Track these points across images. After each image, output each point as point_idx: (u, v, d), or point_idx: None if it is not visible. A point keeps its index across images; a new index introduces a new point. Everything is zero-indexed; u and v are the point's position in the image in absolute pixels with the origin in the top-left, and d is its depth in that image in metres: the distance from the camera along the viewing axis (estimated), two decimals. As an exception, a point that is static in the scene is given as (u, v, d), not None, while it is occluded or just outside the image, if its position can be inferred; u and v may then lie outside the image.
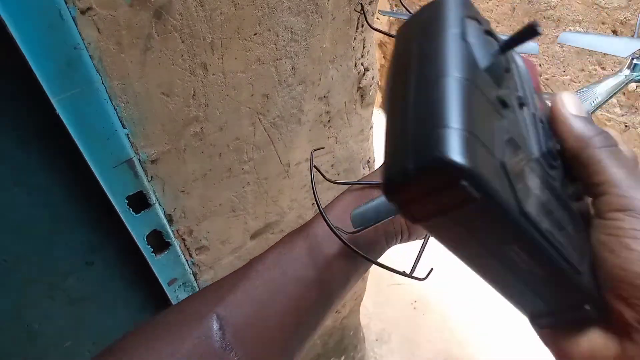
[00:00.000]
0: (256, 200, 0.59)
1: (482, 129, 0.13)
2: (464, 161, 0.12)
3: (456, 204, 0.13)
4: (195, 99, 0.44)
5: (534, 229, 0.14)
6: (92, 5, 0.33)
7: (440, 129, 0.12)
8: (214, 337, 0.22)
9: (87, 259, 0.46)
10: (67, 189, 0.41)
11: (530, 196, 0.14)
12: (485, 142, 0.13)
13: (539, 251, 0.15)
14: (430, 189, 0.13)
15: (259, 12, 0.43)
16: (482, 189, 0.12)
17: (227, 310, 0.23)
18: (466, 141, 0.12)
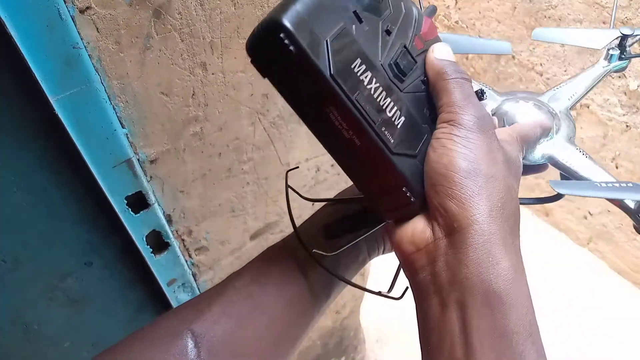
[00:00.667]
0: (256, 200, 0.58)
1: (320, 18, 0.18)
2: (286, 22, 0.17)
3: (281, 56, 0.18)
4: (195, 98, 0.44)
5: (344, 95, 0.19)
6: (91, 5, 0.33)
7: (286, 6, 0.18)
8: (189, 354, 0.22)
9: (86, 259, 0.46)
10: (66, 189, 0.41)
11: (351, 75, 0.19)
12: (316, 24, 0.18)
13: (350, 117, 0.19)
14: (266, 43, 0.18)
15: (259, 11, 0.43)
16: (296, 44, 0.17)
17: (203, 327, 0.23)
18: (296, 14, 0.18)
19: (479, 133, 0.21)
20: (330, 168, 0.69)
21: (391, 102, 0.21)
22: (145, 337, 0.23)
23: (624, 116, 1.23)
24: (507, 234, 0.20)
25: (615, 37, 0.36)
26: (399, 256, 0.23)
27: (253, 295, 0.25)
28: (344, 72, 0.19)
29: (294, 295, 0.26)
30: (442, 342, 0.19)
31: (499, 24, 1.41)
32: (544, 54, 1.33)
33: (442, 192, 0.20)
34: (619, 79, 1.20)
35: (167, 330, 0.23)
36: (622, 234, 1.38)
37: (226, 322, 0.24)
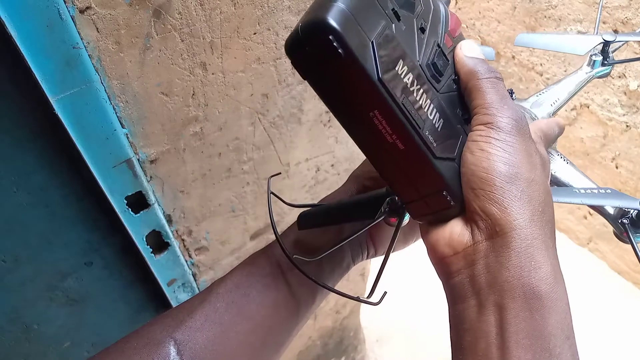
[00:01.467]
0: (256, 200, 0.58)
1: (364, 17, 0.18)
2: (333, 22, 0.16)
3: (327, 58, 0.17)
4: (195, 98, 0.44)
5: (391, 99, 0.18)
6: (91, 5, 0.33)
7: (328, 4, 0.17)
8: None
9: (86, 259, 0.46)
10: (65, 189, 0.41)
11: (395, 78, 0.19)
12: (362, 23, 0.17)
13: (396, 121, 0.19)
14: (311, 44, 0.17)
15: (259, 11, 0.43)
16: (345, 47, 0.17)
17: (186, 335, 0.23)
18: (342, 14, 0.17)
19: (517, 136, 0.21)
20: (330, 168, 0.69)
21: (431, 103, 0.20)
22: (128, 346, 0.23)
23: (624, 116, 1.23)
24: (548, 238, 0.20)
25: (598, 43, 0.36)
26: (433, 259, 0.22)
27: (236, 302, 0.25)
28: (391, 74, 0.18)
29: (277, 300, 0.26)
30: (476, 343, 0.19)
31: (499, 24, 1.41)
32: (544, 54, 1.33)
33: (482, 196, 0.20)
34: (619, 79, 1.20)
35: (149, 339, 0.23)
36: (622, 234, 1.38)
37: (209, 329, 0.24)
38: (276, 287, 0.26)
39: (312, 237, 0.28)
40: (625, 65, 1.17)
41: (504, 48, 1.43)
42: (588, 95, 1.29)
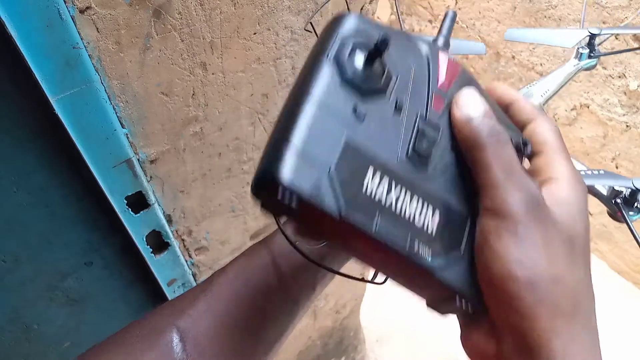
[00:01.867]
0: (256, 200, 0.58)
1: (321, 141, 0.16)
2: (282, 175, 0.15)
3: (283, 210, 0.16)
4: (195, 98, 0.44)
5: (361, 231, 0.16)
6: (91, 5, 0.33)
7: (279, 145, 0.16)
8: (174, 349, 0.22)
9: (86, 259, 0.46)
10: (65, 189, 0.41)
11: (364, 201, 0.16)
12: (317, 152, 0.16)
13: (375, 251, 0.17)
14: (263, 200, 0.16)
15: (259, 11, 0.43)
16: (298, 197, 0.15)
17: (188, 323, 0.23)
18: (293, 156, 0.15)
19: (531, 223, 0.17)
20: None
21: (418, 200, 0.18)
22: (131, 334, 0.24)
23: (624, 116, 1.23)
24: (585, 335, 0.17)
25: (584, 36, 0.37)
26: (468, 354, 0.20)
27: (236, 291, 0.25)
28: (357, 201, 0.16)
29: (277, 289, 0.26)
30: None
31: (499, 24, 1.41)
32: (544, 54, 1.33)
33: (501, 306, 0.17)
34: (619, 79, 1.20)
35: (152, 327, 0.24)
36: (622, 234, 1.38)
37: (210, 317, 0.24)
38: (276, 276, 0.26)
39: None
40: (625, 65, 1.17)
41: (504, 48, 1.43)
42: (588, 95, 1.29)
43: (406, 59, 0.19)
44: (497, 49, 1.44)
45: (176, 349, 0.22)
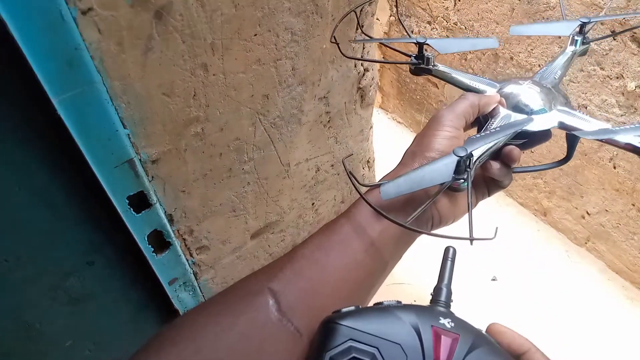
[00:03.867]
0: (256, 200, 0.59)
1: None
2: None
3: None
4: (196, 99, 0.44)
5: None
6: (93, 6, 0.33)
7: None
8: (270, 309, 0.24)
9: (87, 258, 0.46)
10: (68, 189, 0.41)
11: None
12: None
13: None
14: None
15: (259, 12, 0.44)
16: None
17: (279, 286, 0.25)
18: None
19: None
20: (330, 168, 0.70)
21: None
22: (229, 297, 0.25)
23: (621, 117, 1.23)
24: None
25: (577, 25, 0.43)
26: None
27: (319, 260, 0.27)
28: None
29: (357, 257, 0.28)
30: None
31: (497, 25, 1.42)
32: (542, 55, 1.33)
33: None
34: (617, 80, 1.21)
35: (248, 290, 0.25)
36: (619, 234, 1.39)
37: (299, 283, 0.26)
38: (357, 245, 0.28)
39: (389, 204, 0.30)
40: (623, 66, 1.18)
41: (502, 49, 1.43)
42: (586, 96, 1.29)
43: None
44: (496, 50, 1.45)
45: (272, 308, 0.24)
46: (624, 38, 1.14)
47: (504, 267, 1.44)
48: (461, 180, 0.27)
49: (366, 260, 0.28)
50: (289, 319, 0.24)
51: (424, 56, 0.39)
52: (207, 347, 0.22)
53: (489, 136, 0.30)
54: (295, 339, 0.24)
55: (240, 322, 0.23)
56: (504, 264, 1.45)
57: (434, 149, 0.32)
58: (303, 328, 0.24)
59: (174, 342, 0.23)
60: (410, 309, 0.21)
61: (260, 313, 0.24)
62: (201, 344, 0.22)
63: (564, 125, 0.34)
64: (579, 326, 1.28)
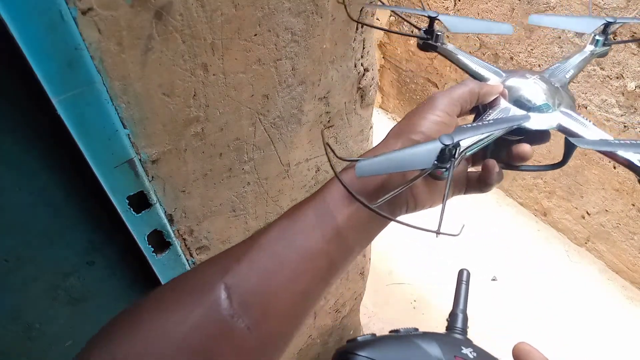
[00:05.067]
0: (256, 200, 0.59)
1: None
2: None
3: None
4: (196, 99, 0.44)
5: None
6: (92, 6, 0.33)
7: None
8: (222, 305, 0.23)
9: (87, 258, 0.46)
10: (67, 189, 0.41)
11: None
12: None
13: None
14: None
15: (259, 12, 0.44)
16: None
17: (234, 280, 0.24)
18: None
19: None
20: (330, 168, 0.70)
21: None
22: (180, 290, 0.24)
23: (621, 117, 1.23)
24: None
25: (601, 24, 0.39)
26: None
27: (278, 253, 0.26)
28: None
29: (318, 251, 0.26)
30: None
31: (497, 24, 1.42)
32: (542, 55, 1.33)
33: None
34: (617, 80, 1.21)
35: (200, 283, 0.24)
36: (619, 234, 1.39)
37: (254, 276, 0.25)
38: (321, 233, 0.27)
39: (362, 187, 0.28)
40: (623, 66, 1.18)
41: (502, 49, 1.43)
42: (586, 96, 1.29)
43: None
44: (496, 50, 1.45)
45: (223, 304, 0.23)
46: (624, 38, 1.14)
47: (504, 267, 1.44)
48: (443, 169, 0.26)
49: (330, 249, 0.27)
50: (240, 316, 0.23)
51: (434, 31, 0.37)
52: (156, 344, 0.22)
53: (480, 127, 0.28)
54: (245, 337, 0.23)
55: (192, 317, 0.22)
56: (504, 264, 1.45)
57: (420, 132, 0.30)
58: (254, 325, 0.23)
59: (124, 335, 0.23)
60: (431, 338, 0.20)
61: (211, 309, 0.23)
62: (151, 339, 0.22)
63: (564, 129, 0.33)
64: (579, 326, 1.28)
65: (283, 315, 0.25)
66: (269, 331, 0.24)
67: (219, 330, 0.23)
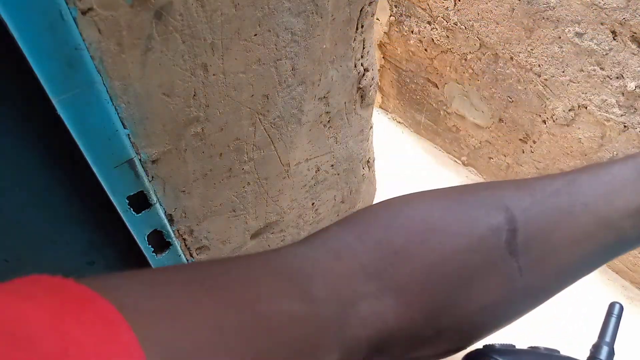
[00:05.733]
0: (256, 200, 0.59)
1: None
2: None
3: None
4: (196, 99, 0.44)
5: None
6: (92, 6, 0.33)
7: None
8: (504, 235, 0.21)
9: (88, 258, 0.46)
10: (68, 189, 0.41)
11: None
12: None
13: None
14: None
15: (259, 12, 0.44)
16: None
17: (523, 217, 0.22)
18: None
19: None
20: (330, 168, 0.70)
21: None
22: (469, 200, 0.22)
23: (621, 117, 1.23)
24: None
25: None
26: None
27: (572, 205, 0.22)
28: None
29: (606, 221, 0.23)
30: None
31: (497, 25, 1.42)
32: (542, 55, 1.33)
33: None
34: (617, 80, 1.20)
35: (489, 201, 0.22)
36: (620, 234, 1.39)
37: (542, 222, 0.22)
38: (609, 205, 0.22)
39: None
40: (623, 66, 1.18)
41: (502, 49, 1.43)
42: (586, 96, 1.29)
43: None
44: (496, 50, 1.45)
45: (506, 236, 0.21)
46: (624, 38, 1.14)
47: (504, 267, 1.43)
48: None
49: (628, 222, 0.22)
50: (517, 255, 0.21)
51: None
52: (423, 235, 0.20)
53: None
54: (513, 277, 0.21)
55: (473, 238, 0.20)
56: (504, 264, 1.45)
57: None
58: (526, 269, 0.21)
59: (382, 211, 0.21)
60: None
61: (494, 235, 0.20)
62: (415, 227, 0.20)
63: None
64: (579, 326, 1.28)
65: (556, 274, 0.22)
66: (537, 283, 0.22)
67: (490, 257, 0.20)
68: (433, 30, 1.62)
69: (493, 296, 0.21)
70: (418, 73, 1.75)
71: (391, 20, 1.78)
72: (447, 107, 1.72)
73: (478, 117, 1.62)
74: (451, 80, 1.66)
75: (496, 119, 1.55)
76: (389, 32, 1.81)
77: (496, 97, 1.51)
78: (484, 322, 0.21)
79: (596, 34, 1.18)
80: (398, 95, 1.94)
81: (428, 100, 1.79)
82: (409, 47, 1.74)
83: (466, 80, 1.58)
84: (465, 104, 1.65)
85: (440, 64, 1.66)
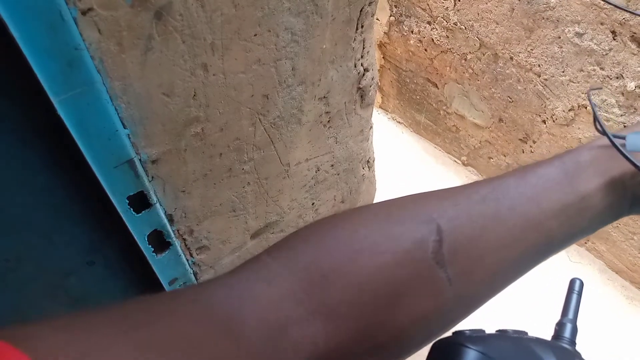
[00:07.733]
0: (256, 200, 0.59)
1: None
2: None
3: None
4: (196, 99, 0.44)
5: None
6: (92, 6, 0.33)
7: None
8: (430, 246, 0.21)
9: (88, 258, 0.46)
10: (68, 189, 0.41)
11: None
12: None
13: None
14: None
15: (259, 12, 0.44)
16: None
17: (448, 226, 0.22)
18: None
19: None
20: (330, 168, 0.70)
21: None
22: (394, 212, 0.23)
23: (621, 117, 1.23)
24: None
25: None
26: None
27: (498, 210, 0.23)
28: None
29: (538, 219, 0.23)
30: None
31: (497, 25, 1.42)
32: (542, 55, 1.33)
33: None
34: (617, 80, 1.21)
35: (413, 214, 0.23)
36: (619, 234, 1.39)
37: (468, 229, 0.22)
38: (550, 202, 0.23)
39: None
40: (622, 66, 1.18)
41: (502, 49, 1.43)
42: (586, 96, 1.29)
43: None
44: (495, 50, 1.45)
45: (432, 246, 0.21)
46: (624, 38, 1.14)
47: (503, 267, 1.43)
48: None
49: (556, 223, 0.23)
50: (444, 265, 0.21)
51: None
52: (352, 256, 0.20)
53: None
54: (443, 288, 0.21)
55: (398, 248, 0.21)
56: (504, 264, 1.45)
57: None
58: (455, 279, 0.21)
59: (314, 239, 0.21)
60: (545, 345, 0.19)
61: (420, 248, 0.21)
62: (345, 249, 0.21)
63: None
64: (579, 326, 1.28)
65: (486, 280, 0.22)
66: (467, 291, 0.22)
67: (417, 270, 0.21)
68: (433, 30, 1.62)
69: (424, 308, 0.21)
70: (418, 73, 1.75)
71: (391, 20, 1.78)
72: (447, 107, 1.72)
73: (478, 117, 1.62)
74: (451, 80, 1.66)
75: (496, 119, 1.55)
76: (388, 32, 1.81)
77: (496, 97, 1.51)
78: (418, 334, 0.22)
79: (596, 34, 1.18)
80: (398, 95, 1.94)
81: (428, 100, 1.79)
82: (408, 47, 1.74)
83: (466, 80, 1.58)
84: (465, 104, 1.65)
85: (440, 64, 1.66)
